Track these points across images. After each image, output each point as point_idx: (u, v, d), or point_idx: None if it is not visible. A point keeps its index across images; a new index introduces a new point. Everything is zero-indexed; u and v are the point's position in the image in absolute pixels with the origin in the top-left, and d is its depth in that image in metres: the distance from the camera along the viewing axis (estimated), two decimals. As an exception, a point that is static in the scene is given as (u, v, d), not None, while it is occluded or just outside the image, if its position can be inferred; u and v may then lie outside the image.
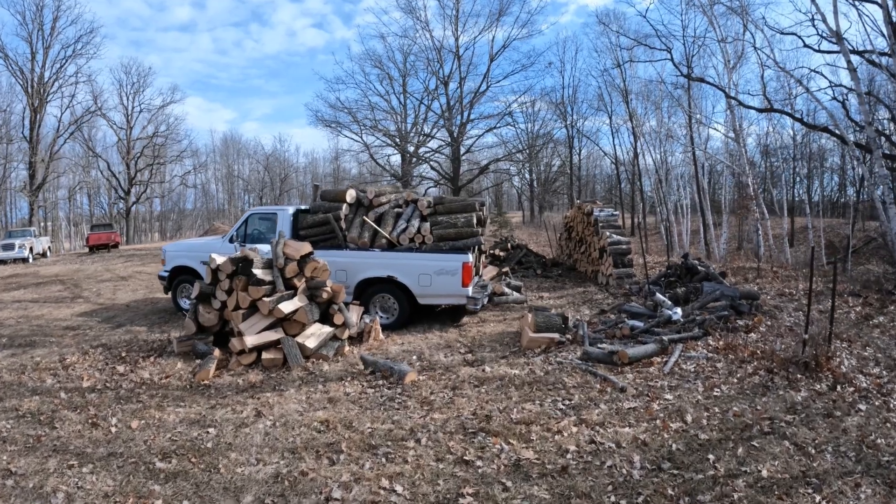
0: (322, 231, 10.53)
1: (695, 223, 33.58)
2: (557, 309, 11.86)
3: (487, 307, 11.69)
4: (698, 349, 8.19)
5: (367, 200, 10.51)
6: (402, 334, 9.73)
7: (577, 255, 17.88)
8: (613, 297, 12.96)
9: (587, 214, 16.27)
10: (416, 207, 10.41)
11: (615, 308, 11.22)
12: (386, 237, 9.98)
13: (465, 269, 9.49)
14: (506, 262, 17.94)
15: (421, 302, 9.90)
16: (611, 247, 14.53)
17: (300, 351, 8.41)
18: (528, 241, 31.84)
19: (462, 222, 9.95)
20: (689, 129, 29.04)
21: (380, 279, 9.99)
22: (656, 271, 16.34)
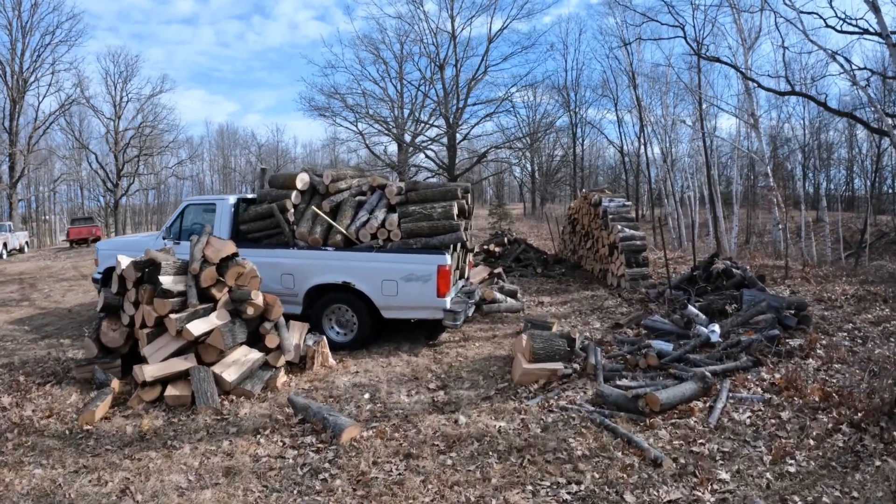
0: (266, 225, 8.25)
1: (702, 215, 31.16)
2: (560, 319, 9.52)
3: (474, 318, 9.37)
4: (750, 386, 5.91)
5: (322, 187, 8.20)
6: (361, 357, 7.43)
7: (582, 252, 15.53)
8: (628, 303, 10.62)
9: (594, 205, 13.91)
10: (384, 195, 8.10)
11: (633, 320, 8.88)
12: (341, 232, 7.67)
13: (441, 273, 7.20)
14: (501, 260, 15.59)
15: (386, 315, 7.63)
16: (623, 243, 12.18)
17: (216, 385, 6.22)
18: (529, 234, 29.50)
19: (439, 213, 7.64)
20: (700, 114, 26.56)
21: (334, 286, 7.71)
22: (674, 271, 14.00)
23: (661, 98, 29.39)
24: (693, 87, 26.40)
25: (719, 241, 26.29)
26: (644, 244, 12.33)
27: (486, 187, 67.17)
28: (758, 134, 21.69)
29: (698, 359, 6.55)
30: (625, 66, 29.96)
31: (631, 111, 34.93)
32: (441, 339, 8.16)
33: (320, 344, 7.04)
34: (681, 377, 5.99)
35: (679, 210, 29.04)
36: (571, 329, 8.63)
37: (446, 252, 7.33)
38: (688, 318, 7.79)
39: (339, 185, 8.20)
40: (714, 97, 27.56)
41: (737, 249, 25.44)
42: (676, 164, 29.90)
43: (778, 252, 20.20)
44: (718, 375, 6.12)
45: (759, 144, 21.72)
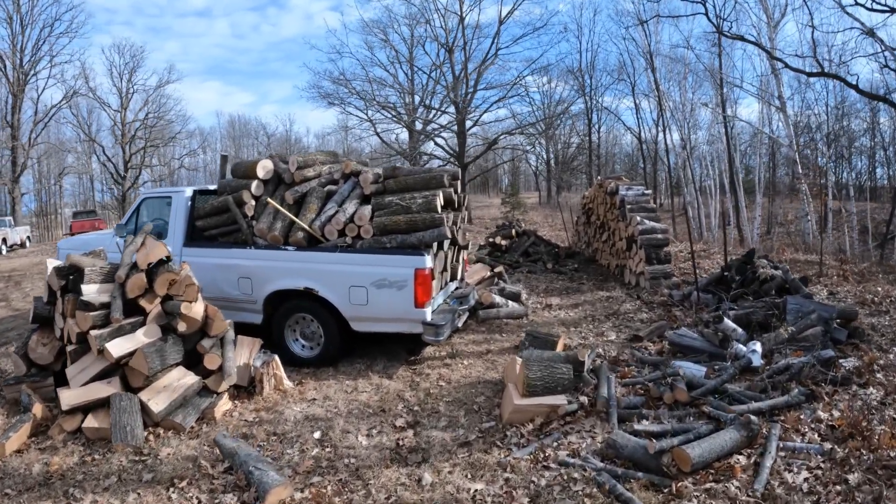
0: (223, 221, 6.95)
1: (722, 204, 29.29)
2: (569, 329, 8.13)
3: (468, 325, 8.00)
4: (805, 431, 4.51)
5: (288, 175, 6.85)
6: (325, 378, 6.10)
7: (597, 244, 14.07)
8: (648, 307, 9.18)
9: (610, 194, 12.44)
10: (358, 183, 6.74)
11: (655, 332, 7.45)
12: (303, 228, 6.33)
13: (420, 278, 5.84)
14: (508, 254, 14.18)
15: (355, 328, 6.30)
16: (642, 236, 10.71)
17: (142, 416, 5.05)
18: (543, 224, 28.02)
19: (419, 204, 6.26)
20: (721, 97, 24.76)
21: (295, 292, 6.39)
22: (698, 267, 12.50)
23: (680, 82, 27.63)
24: (713, 70, 24.61)
25: (741, 231, 24.61)
26: (666, 238, 10.84)
27: (502, 175, 65.46)
28: (785, 118, 19.96)
29: (738, 391, 5.13)
30: (642, 47, 28.15)
31: (648, 96, 33.19)
32: (424, 353, 6.78)
33: (271, 365, 5.73)
34: (718, 419, 4.57)
35: (699, 199, 27.28)
36: (581, 344, 7.24)
37: (426, 252, 5.97)
38: (724, 335, 6.35)
39: (305, 173, 6.84)
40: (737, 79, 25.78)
41: (759, 240, 23.76)
42: (696, 152, 28.13)
43: (807, 245, 18.58)
44: (764, 415, 4.72)
45: (786, 129, 19.98)
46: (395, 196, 6.42)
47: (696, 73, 27.37)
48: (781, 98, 19.84)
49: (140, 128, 45.01)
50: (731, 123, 24.74)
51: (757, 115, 27.55)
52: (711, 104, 25.66)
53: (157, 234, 7.41)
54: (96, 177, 51.33)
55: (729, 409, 4.71)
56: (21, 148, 35.78)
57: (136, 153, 45.00)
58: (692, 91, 27.60)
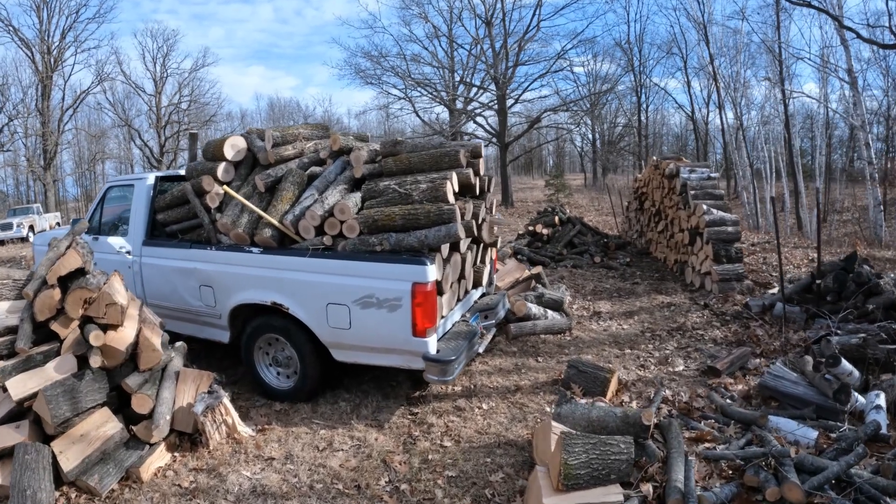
0: (185, 214, 5.36)
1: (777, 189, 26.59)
2: (623, 349, 6.31)
3: (496, 343, 6.27)
4: None
5: (263, 154, 5.19)
6: (296, 422, 4.41)
7: (651, 235, 12.07)
8: (720, 319, 7.26)
9: (668, 177, 10.43)
10: (349, 163, 5.04)
11: (736, 363, 5.58)
12: (271, 223, 4.65)
13: (420, 297, 4.11)
14: (551, 244, 12.29)
15: (338, 357, 4.60)
16: (709, 229, 8.73)
17: (52, 473, 3.54)
18: (588, 207, 25.89)
19: (423, 191, 4.49)
20: (780, 72, 22.03)
21: (262, 307, 4.77)
22: (763, 263, 10.44)
23: (735, 56, 24.92)
24: (770, 43, 21.89)
25: (800, 219, 22.08)
26: (738, 231, 8.82)
27: (546, 156, 62.73)
28: (856, 93, 17.31)
29: (865, 478, 3.29)
30: (694, 17, 25.45)
31: (699, 73, 30.37)
32: (430, 391, 5.04)
33: (219, 409, 4.11)
34: None
35: (754, 183, 24.65)
36: (639, 379, 5.43)
37: (429, 259, 4.24)
38: (841, 383, 4.43)
39: (283, 152, 5.15)
40: (798, 49, 23.07)
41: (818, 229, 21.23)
42: (749, 132, 25.41)
43: (878, 238, 16.11)
44: None
45: (859, 107, 17.33)
46: (393, 180, 4.67)
47: (749, 49, 24.71)
48: (851, 72, 17.21)
49: (174, 111, 44.07)
50: (789, 98, 22.08)
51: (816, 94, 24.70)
52: (771, 76, 22.96)
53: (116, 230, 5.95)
54: (136, 161, 50.89)
55: None
56: (50, 135, 35.03)
57: (172, 137, 44.16)
58: (745, 68, 24.92)
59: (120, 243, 5.66)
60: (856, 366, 4.86)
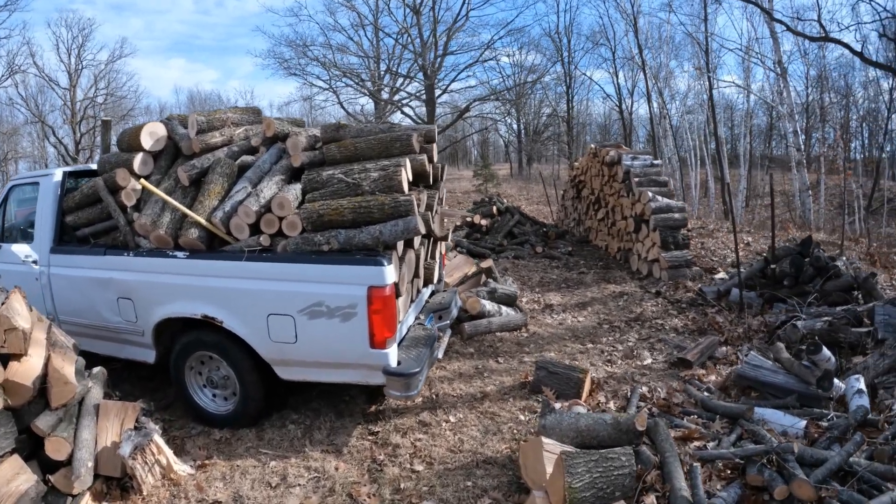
0: (98, 214, 4.62)
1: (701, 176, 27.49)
2: (584, 343, 6.02)
3: (451, 344, 5.84)
4: None
5: (187, 143, 4.54)
6: (241, 452, 3.80)
7: (591, 223, 11.94)
8: (675, 307, 7.11)
9: (608, 164, 10.28)
10: (285, 151, 4.47)
11: (705, 352, 5.38)
12: (197, 222, 4.04)
13: (377, 302, 3.61)
14: (490, 235, 11.98)
15: (283, 375, 4.03)
16: (655, 216, 8.61)
17: None
18: (518, 197, 25.82)
19: (374, 181, 3.98)
20: (707, 62, 22.67)
21: (192, 321, 4.15)
22: (701, 248, 10.49)
23: (661, 46, 25.52)
24: (696, 34, 22.49)
25: (726, 205, 22.79)
26: (685, 218, 8.74)
27: (471, 147, 62.76)
28: (785, 83, 17.98)
29: (863, 465, 3.14)
30: (623, 8, 25.84)
31: (625, 64, 30.97)
32: (388, 405, 4.54)
33: (150, 448, 3.48)
34: None
35: (681, 170, 25.33)
36: (610, 376, 5.13)
37: (386, 258, 3.76)
38: (825, 371, 4.27)
39: (209, 139, 4.51)
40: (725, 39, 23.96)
41: (743, 213, 22.08)
42: (674, 121, 26.15)
43: (807, 221, 16.79)
44: None
45: (787, 96, 18.00)
46: (338, 169, 4.14)
47: (674, 40, 25.36)
48: (780, 63, 17.85)
49: (90, 106, 41.06)
50: (715, 87, 22.78)
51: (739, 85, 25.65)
52: (700, 67, 23.61)
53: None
54: (51, 160, 47.08)
55: None
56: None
57: (88, 133, 41.11)
58: (669, 57, 25.53)
59: (25, 251, 4.83)
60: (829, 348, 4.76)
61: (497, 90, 26.47)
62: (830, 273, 6.17)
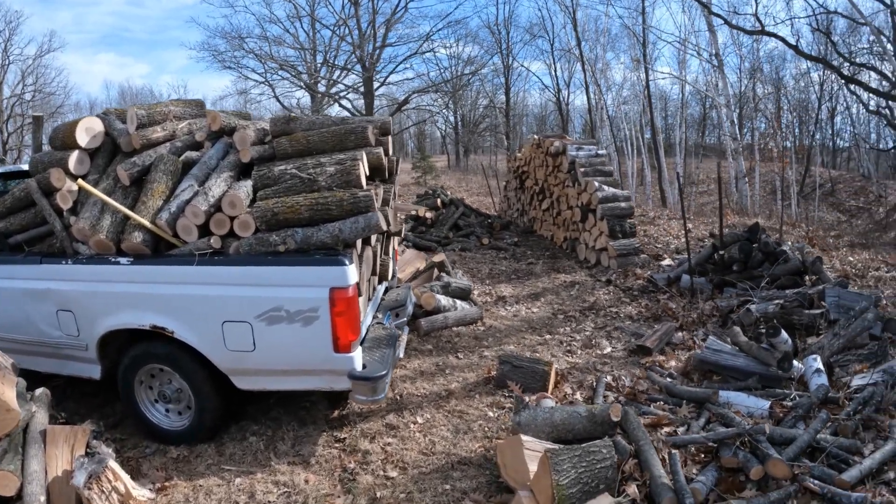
0: (32, 220, 4.23)
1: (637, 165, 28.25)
2: (542, 335, 6.01)
3: (409, 342, 5.71)
4: None
5: (125, 139, 4.22)
6: (202, 470, 3.53)
7: (535, 213, 12.00)
8: (627, 294, 7.20)
9: (553, 155, 10.33)
10: (232, 146, 4.23)
11: (663, 339, 5.45)
12: (141, 224, 3.76)
13: (340, 304, 3.44)
14: (435, 228, 11.88)
15: (241, 385, 3.81)
16: (602, 205, 8.70)
17: None
18: (458, 188, 25.81)
19: (331, 176, 3.80)
20: (644, 53, 23.22)
21: (140, 332, 3.86)
22: (644, 235, 10.73)
23: (597, 38, 26.02)
24: (634, 27, 23.04)
25: (664, 193, 23.46)
26: (631, 206, 8.88)
27: (408, 140, 62.48)
28: (722, 75, 18.62)
29: (829, 441, 3.29)
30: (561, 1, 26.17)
31: (564, 54, 31.44)
32: (352, 409, 4.34)
33: (106, 474, 3.20)
34: (838, 501, 2.73)
35: (618, 159, 25.92)
36: (573, 366, 5.13)
37: (348, 257, 3.60)
38: (784, 353, 4.38)
39: (150, 135, 4.21)
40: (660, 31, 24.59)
41: (679, 201, 22.79)
42: (612, 111, 26.73)
43: (744, 207, 17.47)
44: (875, 480, 3.00)
45: (722, 87, 18.65)
46: (290, 164, 3.94)
47: (611, 33, 25.98)
48: (718, 55, 18.46)
49: (17, 103, 38.54)
50: (651, 75, 23.35)
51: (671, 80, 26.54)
52: (639, 59, 24.20)
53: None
54: None
55: (840, 480, 2.91)
56: None
57: (16, 132, 38.53)
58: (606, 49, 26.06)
59: None
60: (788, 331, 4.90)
61: (435, 82, 26.38)
62: (779, 258, 6.37)
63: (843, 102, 28.79)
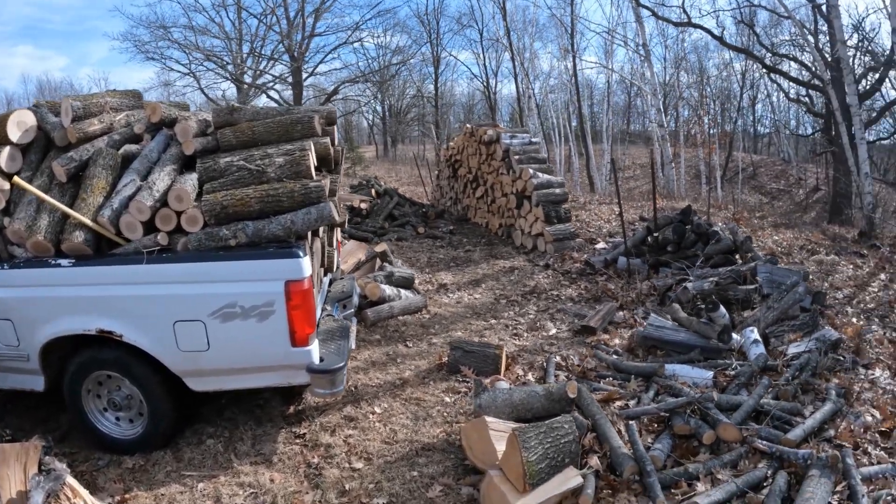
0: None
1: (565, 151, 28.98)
2: (487, 320, 6.12)
3: (357, 332, 5.69)
4: (864, 445, 3.31)
5: (60, 133, 3.99)
6: (162, 477, 3.41)
7: (469, 201, 12.12)
8: (566, 277, 7.41)
9: (486, 143, 10.46)
10: (174, 138, 4.08)
11: (606, 318, 5.65)
12: (82, 223, 3.59)
13: (296, 297, 3.41)
14: (371, 218, 11.83)
15: (195, 387, 3.69)
16: (537, 192, 8.88)
17: None
18: (388, 178, 25.75)
19: (280, 167, 3.74)
20: (572, 43, 23.74)
21: (85, 338, 3.65)
22: (576, 219, 11.04)
23: (525, 28, 26.47)
24: (562, 17, 23.49)
25: (592, 179, 24.16)
26: (565, 192, 9.11)
27: (335, 131, 61.75)
28: (649, 65, 19.27)
29: (773, 405, 3.59)
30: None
31: (493, 43, 31.77)
32: (308, 403, 4.28)
33: (64, 492, 3.03)
34: (785, 458, 3.05)
35: (547, 147, 26.49)
36: (523, 349, 5.26)
37: (301, 249, 3.55)
38: (723, 325, 4.64)
39: (87, 128, 4.01)
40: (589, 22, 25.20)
41: (608, 187, 23.57)
42: (540, 99, 27.25)
43: (671, 191, 18.20)
44: (815, 435, 3.31)
45: (649, 76, 19.30)
46: (236, 155, 3.85)
47: (539, 23, 26.43)
48: (646, 45, 19.07)
49: None
50: (579, 64, 23.96)
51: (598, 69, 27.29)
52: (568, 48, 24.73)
53: None
54: None
55: (786, 439, 3.15)
56: None
57: None
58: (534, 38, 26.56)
59: None
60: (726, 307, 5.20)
61: (364, 72, 26.15)
62: (711, 238, 6.72)
63: (763, 91, 30.51)
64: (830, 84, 11.73)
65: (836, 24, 10.46)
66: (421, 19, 34.08)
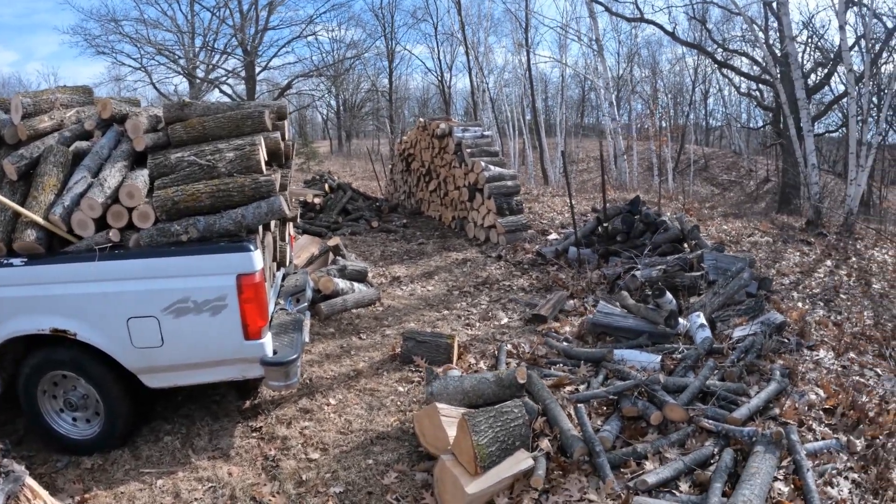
0: None
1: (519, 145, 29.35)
2: (441, 311, 6.24)
3: (311, 326, 5.74)
4: (809, 422, 3.55)
5: (10, 131, 3.91)
6: (121, 476, 3.42)
7: (422, 195, 12.22)
8: (518, 268, 7.58)
9: (439, 137, 10.56)
10: (124, 134, 4.05)
11: (557, 306, 5.83)
12: (33, 221, 3.54)
13: (248, 290, 3.46)
14: (324, 213, 11.81)
15: (150, 384, 3.68)
16: (489, 184, 9.03)
17: None
18: (342, 173, 25.62)
19: (231, 162, 3.76)
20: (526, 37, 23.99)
21: (39, 338, 3.60)
22: (531, 211, 11.27)
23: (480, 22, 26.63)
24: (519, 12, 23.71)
25: (545, 171, 24.52)
26: (517, 185, 9.28)
27: (288, 126, 60.97)
28: (602, 60, 19.67)
29: (718, 386, 3.81)
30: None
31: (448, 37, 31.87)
32: (263, 397, 4.32)
33: (24, 493, 3.00)
34: (731, 436, 3.23)
35: (501, 140, 26.77)
36: (474, 338, 5.39)
37: (252, 243, 3.58)
38: (670, 311, 4.85)
39: (37, 125, 3.95)
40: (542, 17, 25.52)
41: (561, 179, 23.99)
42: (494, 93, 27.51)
43: (623, 183, 18.65)
44: (760, 413, 3.53)
45: (602, 70, 19.70)
46: (187, 151, 3.85)
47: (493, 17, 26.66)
48: (599, 40, 19.44)
49: None
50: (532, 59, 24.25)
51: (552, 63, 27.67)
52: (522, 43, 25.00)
53: None
54: None
55: (732, 418, 3.34)
56: None
57: None
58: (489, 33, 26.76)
59: None
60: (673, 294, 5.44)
61: (318, 66, 25.94)
62: (659, 227, 6.98)
63: (715, 85, 31.43)
64: (779, 79, 12.24)
65: (786, 21, 10.92)
66: (375, 13, 33.91)
